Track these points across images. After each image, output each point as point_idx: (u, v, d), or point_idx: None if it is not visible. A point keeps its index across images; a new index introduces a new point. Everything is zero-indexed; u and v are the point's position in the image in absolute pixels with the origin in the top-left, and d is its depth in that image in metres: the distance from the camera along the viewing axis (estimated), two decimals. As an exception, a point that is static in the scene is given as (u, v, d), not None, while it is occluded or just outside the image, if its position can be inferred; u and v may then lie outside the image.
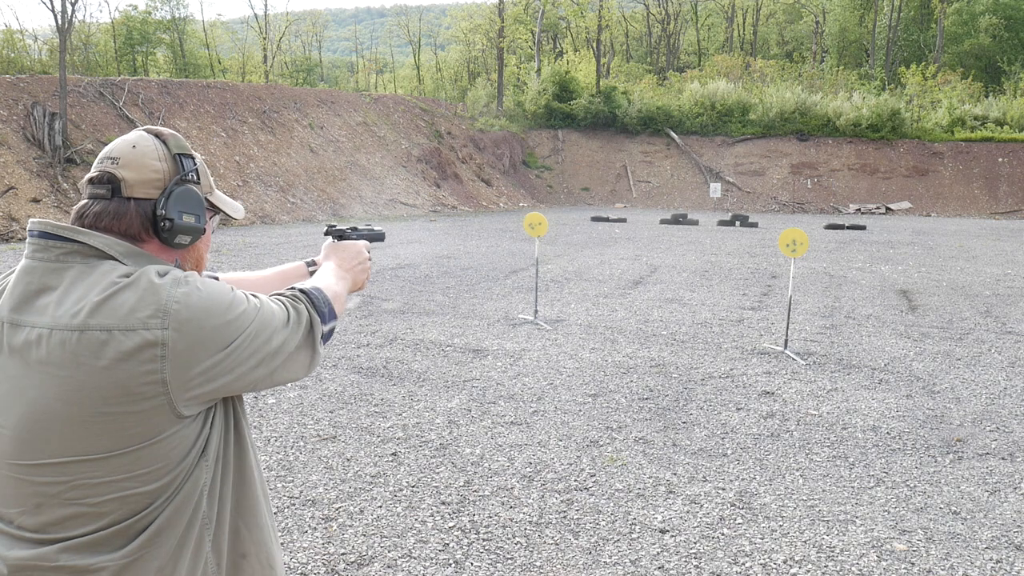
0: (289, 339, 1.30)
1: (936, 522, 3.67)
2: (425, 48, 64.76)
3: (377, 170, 28.15)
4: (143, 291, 1.17)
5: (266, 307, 1.29)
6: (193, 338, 1.17)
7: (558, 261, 13.36)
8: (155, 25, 38.69)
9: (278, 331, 1.28)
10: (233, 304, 1.23)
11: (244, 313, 1.24)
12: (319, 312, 1.37)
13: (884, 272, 12.77)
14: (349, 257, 1.66)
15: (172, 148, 1.30)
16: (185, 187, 1.29)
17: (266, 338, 1.26)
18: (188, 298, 1.19)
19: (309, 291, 1.40)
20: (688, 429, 4.91)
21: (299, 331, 1.32)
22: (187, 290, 1.19)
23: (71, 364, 1.14)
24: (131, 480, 1.17)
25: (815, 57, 51.72)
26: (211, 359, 1.19)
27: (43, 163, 17.98)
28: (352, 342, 7.07)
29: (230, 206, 1.46)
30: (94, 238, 1.21)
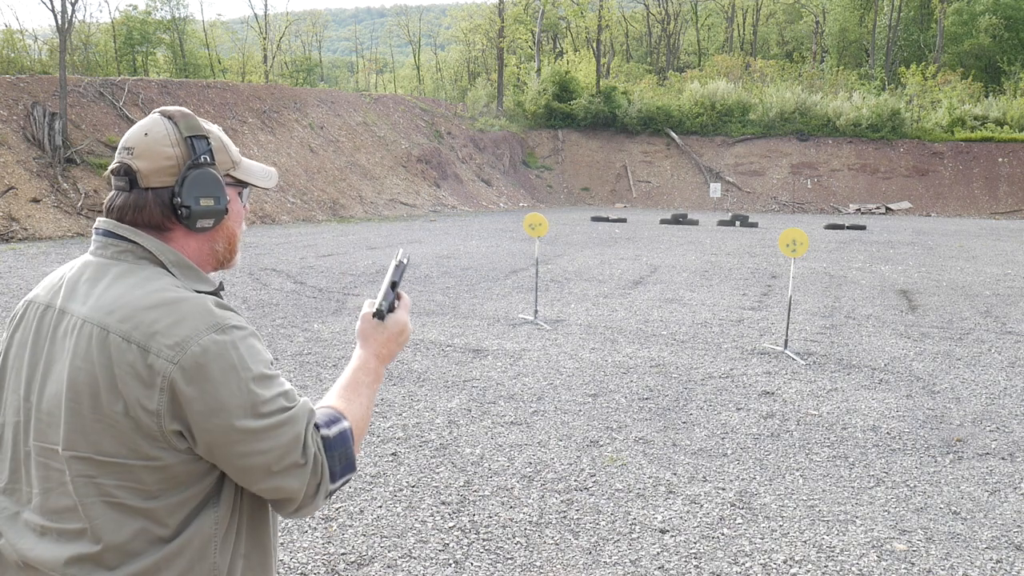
0: (286, 480, 1.20)
1: (936, 522, 3.67)
2: (425, 48, 64.78)
3: (377, 170, 28.15)
4: (180, 318, 1.16)
5: (287, 430, 1.19)
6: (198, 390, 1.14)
7: (558, 261, 13.36)
8: (155, 25, 38.69)
9: (280, 460, 1.19)
10: (257, 397, 1.17)
11: (262, 412, 1.17)
12: (331, 471, 1.23)
13: (884, 272, 12.77)
14: (392, 338, 1.42)
15: (183, 130, 1.27)
16: (200, 171, 1.26)
17: (264, 454, 1.17)
18: (219, 349, 1.16)
19: (332, 440, 1.24)
20: (688, 429, 4.91)
21: (301, 480, 1.20)
22: (224, 339, 1.17)
23: (89, 359, 1.16)
24: (120, 489, 1.16)
25: (815, 57, 51.71)
26: (206, 422, 1.15)
27: (43, 163, 17.98)
28: (352, 342, 7.07)
29: (259, 176, 1.39)
30: (148, 240, 1.25)
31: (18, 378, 1.25)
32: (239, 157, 1.36)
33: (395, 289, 1.43)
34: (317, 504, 1.25)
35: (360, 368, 1.38)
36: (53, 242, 15.22)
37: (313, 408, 1.26)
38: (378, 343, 1.40)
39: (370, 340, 1.40)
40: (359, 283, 10.49)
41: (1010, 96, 36.86)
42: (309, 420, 1.22)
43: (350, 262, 12.70)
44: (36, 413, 1.21)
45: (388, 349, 1.41)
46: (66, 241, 15.45)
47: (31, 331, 1.26)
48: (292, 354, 6.60)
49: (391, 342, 1.41)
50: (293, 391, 1.24)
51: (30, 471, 1.22)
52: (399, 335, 1.43)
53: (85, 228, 16.77)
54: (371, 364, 1.39)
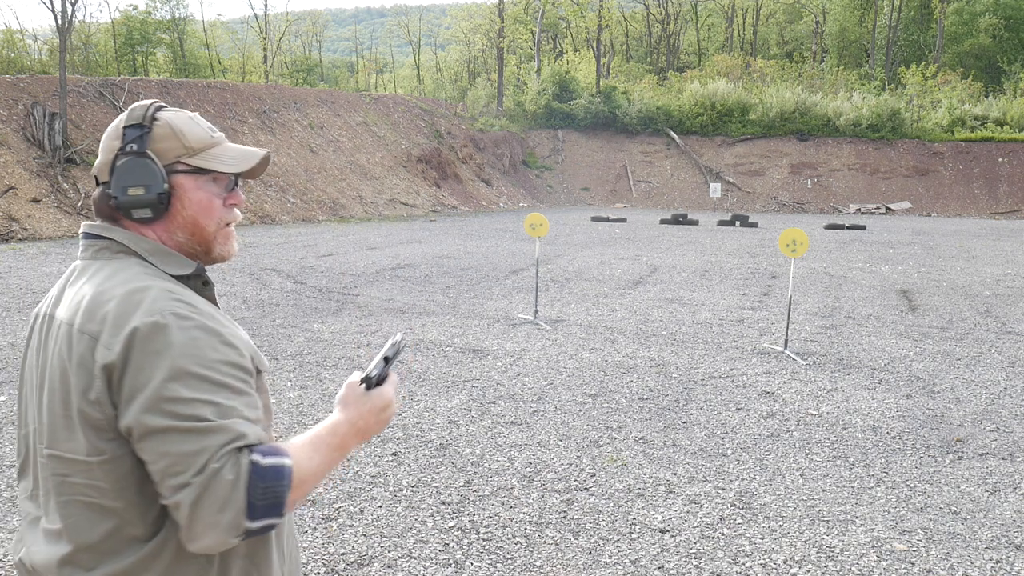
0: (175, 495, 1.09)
1: (936, 522, 3.67)
2: (425, 48, 64.78)
3: (377, 170, 28.15)
4: (130, 306, 1.13)
5: (190, 440, 1.07)
6: (125, 374, 1.10)
7: (558, 261, 13.36)
8: (155, 25, 38.68)
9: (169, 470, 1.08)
10: (169, 392, 1.08)
11: (169, 411, 1.08)
12: (250, 503, 1.08)
13: (884, 272, 12.77)
14: (373, 411, 1.29)
15: (125, 120, 1.26)
16: (126, 159, 1.23)
17: (162, 457, 1.08)
18: (150, 332, 1.11)
19: (262, 469, 1.09)
20: (688, 429, 4.91)
21: (188, 500, 1.07)
22: (160, 323, 1.11)
23: (60, 357, 1.18)
24: (90, 488, 1.15)
25: (815, 57, 51.71)
26: (125, 410, 1.10)
27: (43, 163, 17.98)
28: (352, 342, 7.07)
29: (228, 161, 1.30)
30: (120, 233, 1.26)
31: (31, 387, 1.28)
32: (203, 144, 1.29)
33: (388, 364, 1.32)
34: (220, 539, 1.08)
35: (330, 429, 1.25)
36: (53, 242, 15.22)
37: (251, 437, 1.11)
38: (357, 413, 1.27)
39: (349, 407, 1.28)
40: (359, 283, 10.49)
41: (1010, 96, 36.87)
42: (231, 440, 1.09)
43: (350, 262, 12.69)
44: (40, 418, 1.23)
45: (366, 422, 1.28)
46: (66, 241, 15.45)
47: (34, 341, 1.30)
48: (292, 354, 6.60)
49: (371, 415, 1.28)
50: (236, 410, 1.12)
51: (39, 475, 1.24)
52: (381, 411, 1.30)
53: (85, 228, 16.77)
54: (342, 429, 1.25)
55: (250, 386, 1.18)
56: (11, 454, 4.27)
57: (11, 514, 3.55)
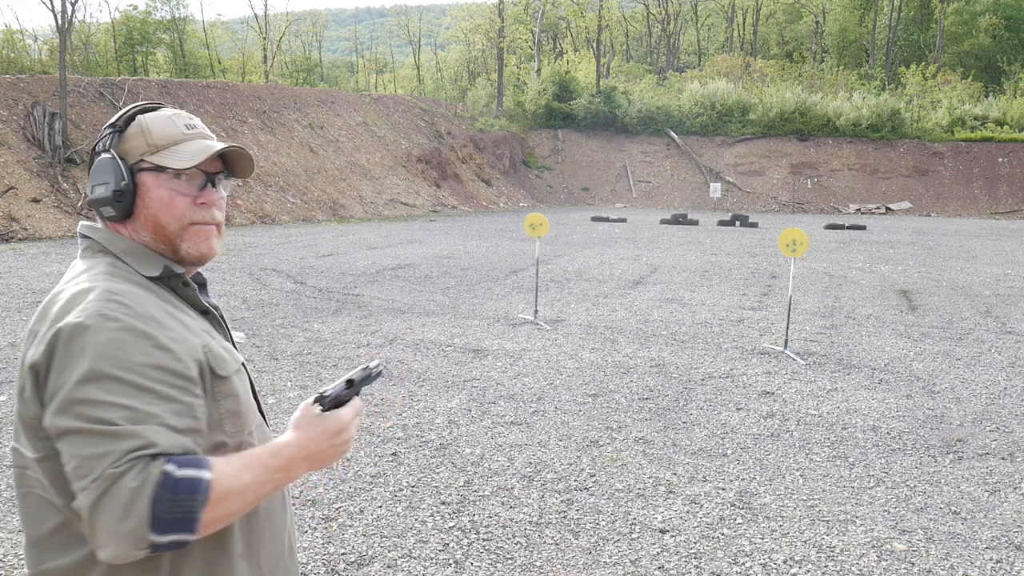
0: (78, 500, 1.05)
1: (936, 522, 3.67)
2: (425, 48, 64.78)
3: (377, 170, 28.15)
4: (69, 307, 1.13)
5: (94, 443, 1.04)
6: (48, 373, 1.10)
7: (558, 261, 13.36)
8: (155, 25, 38.68)
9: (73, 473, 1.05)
10: (81, 393, 1.06)
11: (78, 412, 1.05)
12: (153, 515, 1.01)
13: (884, 272, 12.77)
14: (325, 436, 1.20)
15: (110, 122, 1.30)
16: (97, 159, 1.27)
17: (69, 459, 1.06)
18: (72, 331, 1.09)
19: (174, 480, 1.03)
20: (688, 429, 4.91)
21: (86, 505, 1.03)
22: (83, 323, 1.09)
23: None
24: (38, 484, 1.16)
25: (815, 57, 51.70)
26: (47, 408, 1.09)
27: (43, 163, 17.98)
28: (352, 342, 7.07)
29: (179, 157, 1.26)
30: (99, 232, 1.27)
31: None
32: (168, 140, 1.26)
33: (351, 387, 1.24)
34: (122, 549, 1.03)
35: (272, 450, 1.16)
36: (53, 242, 15.22)
37: (164, 445, 1.06)
38: (307, 435, 1.19)
39: (301, 429, 1.19)
40: (359, 283, 10.49)
41: (1010, 96, 36.86)
42: (138, 448, 1.03)
43: (350, 262, 12.69)
44: None
45: (317, 446, 1.19)
46: (66, 241, 15.45)
47: None
48: (292, 354, 6.60)
49: (323, 440, 1.19)
50: (155, 416, 1.07)
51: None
52: (334, 436, 1.20)
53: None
54: (288, 452, 1.17)
55: (185, 392, 1.12)
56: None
57: (11, 514, 3.55)
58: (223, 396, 1.21)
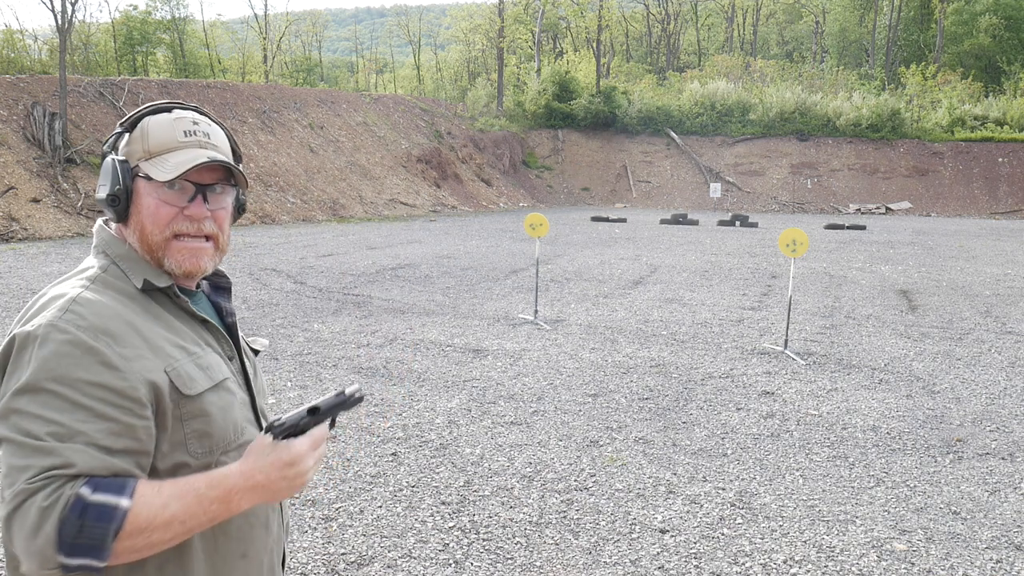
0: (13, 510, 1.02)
1: (936, 522, 3.67)
2: (425, 48, 64.78)
3: (377, 170, 28.15)
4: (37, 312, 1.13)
5: (17, 455, 1.03)
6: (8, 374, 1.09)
7: (558, 261, 13.36)
8: (155, 25, 38.69)
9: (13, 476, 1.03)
10: (15, 403, 1.05)
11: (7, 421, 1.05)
12: (60, 537, 0.99)
13: (884, 272, 12.77)
14: (276, 467, 1.11)
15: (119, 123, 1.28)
16: (105, 161, 1.26)
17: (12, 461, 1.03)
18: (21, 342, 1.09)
19: (85, 505, 1.00)
20: (688, 429, 4.91)
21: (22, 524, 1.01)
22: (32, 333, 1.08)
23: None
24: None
25: (815, 57, 51.73)
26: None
27: (43, 163, 17.97)
28: (352, 342, 7.07)
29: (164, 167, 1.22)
30: (103, 234, 1.27)
31: None
32: (162, 147, 1.23)
33: (314, 415, 1.13)
34: (34, 566, 1.01)
35: (211, 479, 1.10)
36: (53, 242, 15.22)
37: (82, 466, 1.03)
38: (255, 464, 1.11)
39: (249, 457, 1.12)
40: (359, 283, 10.49)
41: (1010, 96, 36.86)
42: (56, 467, 1.01)
43: (350, 262, 12.69)
44: None
45: (266, 476, 1.10)
46: (66, 241, 15.45)
47: None
48: (292, 354, 6.60)
49: (272, 469, 1.11)
50: (83, 435, 1.04)
51: None
52: (286, 467, 1.11)
53: (85, 228, 16.77)
54: (229, 482, 1.09)
55: (126, 412, 1.08)
56: (11, 454, 4.26)
57: (11, 514, 3.55)
58: (189, 416, 1.16)
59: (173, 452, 1.15)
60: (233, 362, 1.31)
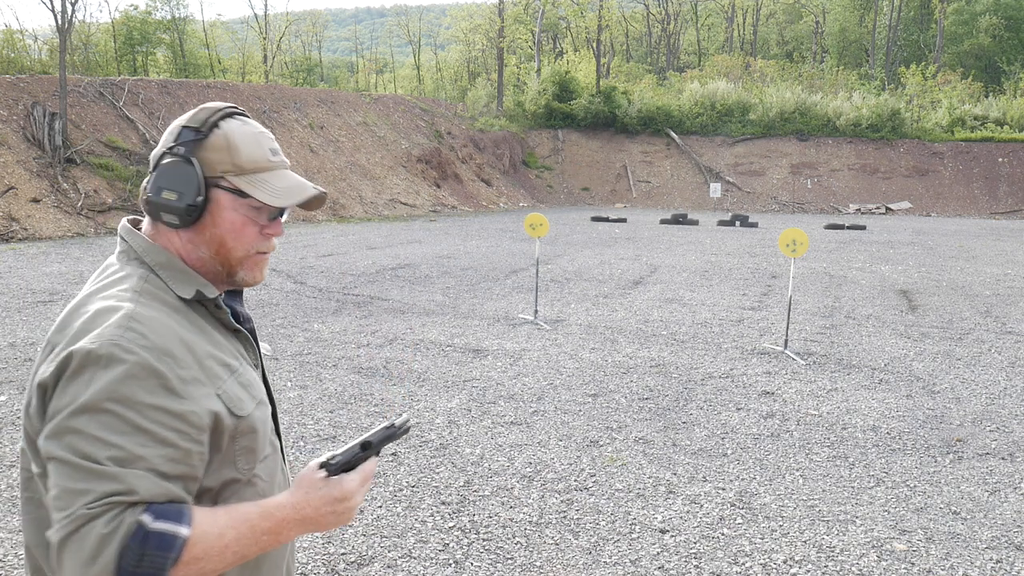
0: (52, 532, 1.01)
1: (936, 522, 3.67)
2: (425, 48, 64.80)
3: (377, 170, 28.15)
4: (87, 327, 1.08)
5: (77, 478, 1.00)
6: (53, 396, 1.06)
7: (558, 261, 13.36)
8: (155, 25, 38.70)
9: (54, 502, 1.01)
10: (76, 423, 1.02)
11: (68, 443, 1.02)
12: (119, 567, 0.98)
13: (884, 272, 12.77)
14: (327, 502, 1.13)
15: (185, 120, 1.20)
16: (170, 160, 1.17)
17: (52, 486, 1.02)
18: (83, 360, 1.04)
19: (147, 534, 0.99)
20: (688, 429, 4.91)
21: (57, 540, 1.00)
22: (96, 352, 1.04)
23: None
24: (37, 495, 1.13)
25: (815, 57, 51.73)
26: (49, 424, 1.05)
27: (43, 163, 17.98)
28: (352, 342, 7.07)
29: (274, 192, 1.21)
30: (137, 240, 1.21)
31: None
32: (255, 166, 1.21)
33: (366, 450, 1.15)
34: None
35: (264, 511, 1.10)
36: (53, 242, 15.22)
37: (144, 493, 1.01)
38: (305, 499, 1.11)
39: (299, 491, 1.12)
40: (359, 283, 10.50)
41: (1010, 96, 36.88)
42: (116, 493, 1.00)
43: (350, 262, 12.70)
44: None
45: (315, 510, 1.12)
46: (66, 241, 15.45)
47: None
48: (292, 354, 6.60)
49: (322, 504, 1.12)
50: (144, 461, 1.02)
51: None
52: (336, 503, 1.13)
53: (85, 228, 16.78)
54: (281, 514, 1.10)
55: (186, 438, 1.06)
56: (12, 454, 4.27)
57: (11, 514, 3.55)
58: (240, 434, 1.17)
59: (222, 469, 1.15)
60: (257, 371, 1.31)
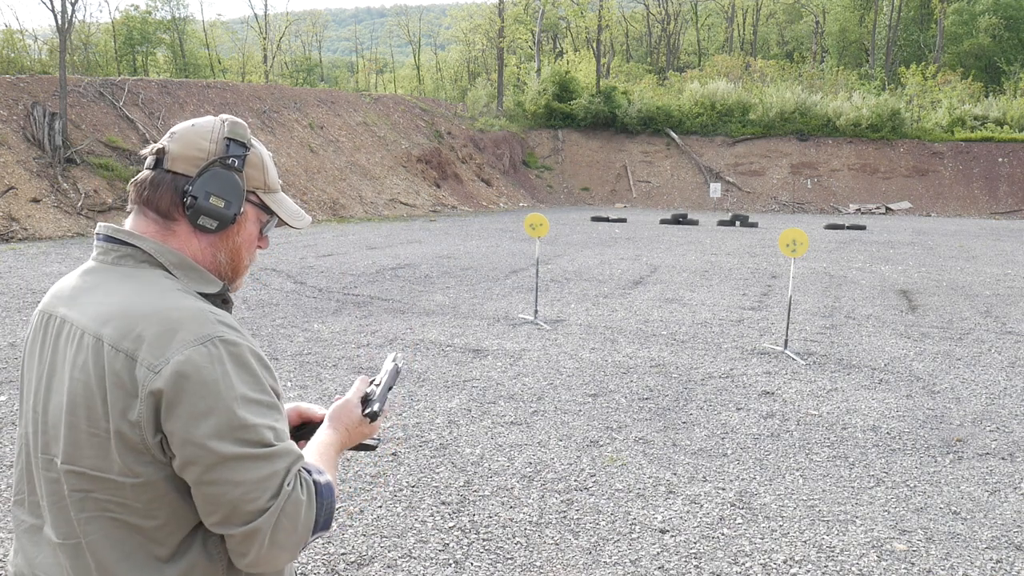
0: (251, 520, 1.10)
1: (936, 522, 3.67)
2: (425, 48, 64.80)
3: (377, 170, 28.15)
4: (169, 327, 1.12)
5: (263, 466, 1.10)
6: (177, 403, 1.09)
7: (558, 261, 13.36)
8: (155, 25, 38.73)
9: (246, 496, 1.10)
10: (237, 419, 1.10)
11: (241, 438, 1.10)
12: (316, 520, 1.15)
13: (884, 272, 12.77)
14: (360, 433, 1.39)
15: (227, 132, 1.26)
16: (222, 170, 1.23)
17: (235, 485, 1.09)
18: (203, 360, 1.11)
19: (322, 488, 1.18)
20: (688, 429, 4.91)
21: (266, 523, 1.11)
22: (211, 352, 1.12)
23: (86, 370, 1.13)
24: (115, 505, 1.13)
25: (815, 57, 51.73)
26: (183, 436, 1.09)
27: (43, 163, 17.97)
28: (352, 342, 7.07)
29: (290, 213, 1.34)
30: (146, 243, 1.22)
31: (30, 388, 1.24)
32: (276, 186, 1.33)
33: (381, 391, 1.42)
34: (288, 558, 1.14)
35: (326, 443, 1.31)
36: (53, 242, 15.22)
37: (301, 453, 1.17)
38: (349, 434, 1.36)
39: (342, 424, 1.35)
40: (359, 283, 10.49)
41: (1010, 96, 36.87)
42: (293, 463, 1.14)
43: (350, 262, 12.70)
44: (42, 425, 1.19)
45: (354, 438, 1.38)
46: (66, 241, 15.45)
47: (39, 340, 1.25)
48: (292, 354, 6.59)
49: (360, 434, 1.38)
50: (284, 431, 1.16)
51: (40, 484, 1.20)
52: (371, 432, 1.41)
53: (85, 228, 16.77)
54: (336, 446, 1.33)
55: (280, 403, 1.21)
56: (11, 454, 4.27)
57: (11, 514, 3.55)
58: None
59: None
60: None
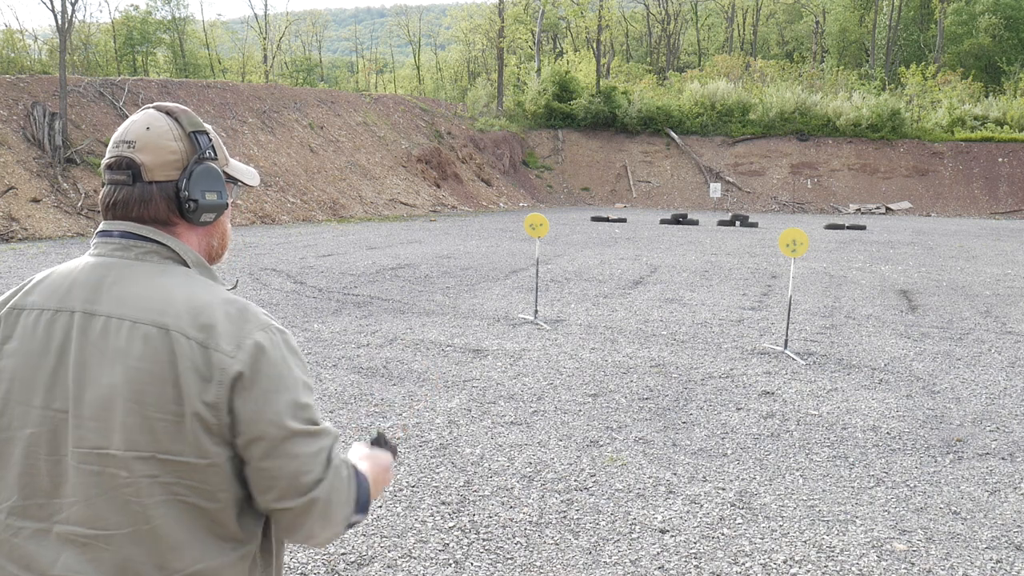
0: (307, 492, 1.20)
1: (936, 522, 3.67)
2: (425, 48, 64.79)
3: (377, 170, 28.15)
4: (233, 315, 1.21)
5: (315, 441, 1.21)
6: (254, 384, 1.18)
7: (558, 261, 13.36)
8: (155, 25, 38.73)
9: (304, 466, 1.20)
10: (301, 398, 1.21)
11: (303, 416, 1.20)
12: (358, 500, 1.25)
13: (884, 272, 12.77)
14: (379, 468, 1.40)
15: (186, 126, 1.28)
16: (204, 165, 1.27)
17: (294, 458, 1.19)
18: (271, 345, 1.21)
19: (360, 475, 1.28)
20: (688, 429, 4.91)
21: (324, 493, 1.20)
22: (275, 338, 1.22)
23: (148, 358, 1.16)
24: (184, 488, 1.17)
25: (815, 57, 51.74)
26: (258, 415, 1.18)
27: (43, 163, 17.97)
28: (352, 342, 7.07)
29: (245, 174, 1.41)
30: (172, 241, 1.27)
31: (27, 388, 1.20)
32: (227, 157, 1.38)
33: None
34: (339, 531, 1.23)
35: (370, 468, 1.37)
36: (53, 242, 15.22)
37: (338, 432, 1.26)
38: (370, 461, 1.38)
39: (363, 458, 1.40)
40: (359, 283, 10.49)
41: (1010, 96, 36.88)
42: (335, 440, 1.23)
43: (350, 262, 12.69)
44: (75, 419, 1.17)
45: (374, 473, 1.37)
46: (66, 241, 15.45)
47: (37, 339, 1.21)
48: (292, 354, 6.59)
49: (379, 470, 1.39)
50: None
51: (63, 481, 1.18)
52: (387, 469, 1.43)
53: (85, 228, 16.77)
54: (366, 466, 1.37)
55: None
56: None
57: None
58: None
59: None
60: None
